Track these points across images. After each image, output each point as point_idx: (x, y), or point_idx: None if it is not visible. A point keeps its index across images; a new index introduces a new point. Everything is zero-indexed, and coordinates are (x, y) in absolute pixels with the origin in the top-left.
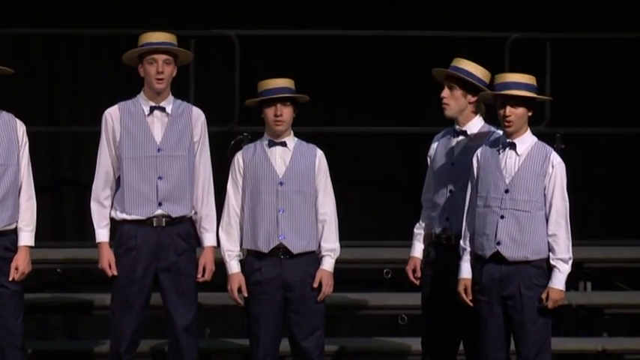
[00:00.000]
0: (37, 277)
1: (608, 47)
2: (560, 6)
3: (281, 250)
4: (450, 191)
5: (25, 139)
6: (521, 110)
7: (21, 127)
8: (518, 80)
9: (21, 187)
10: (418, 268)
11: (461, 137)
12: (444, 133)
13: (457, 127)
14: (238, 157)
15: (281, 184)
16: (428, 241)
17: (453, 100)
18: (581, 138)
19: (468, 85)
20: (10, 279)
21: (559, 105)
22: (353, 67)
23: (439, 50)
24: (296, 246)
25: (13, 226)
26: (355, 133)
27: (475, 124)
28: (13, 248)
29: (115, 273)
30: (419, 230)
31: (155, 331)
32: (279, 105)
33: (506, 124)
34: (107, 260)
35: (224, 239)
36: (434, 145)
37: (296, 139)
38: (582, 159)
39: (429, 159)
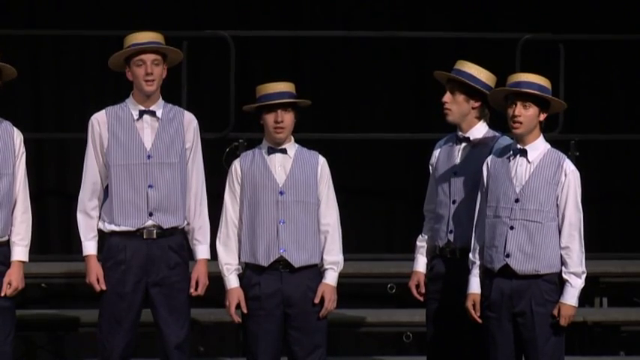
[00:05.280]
0: (20, 292)
1: (625, 49)
2: (575, 5)
3: (281, 264)
4: (453, 201)
5: (23, 149)
6: (532, 112)
7: (18, 136)
8: (532, 80)
9: (16, 200)
10: (422, 284)
11: (464, 144)
12: (447, 140)
13: (460, 133)
14: (236, 166)
15: (281, 193)
16: (431, 254)
17: (455, 105)
18: (597, 145)
19: (470, 89)
20: (2, 294)
21: (573, 110)
22: (356, 70)
23: (447, 52)
24: (297, 259)
25: (4, 239)
26: (359, 140)
27: (479, 130)
28: (6, 262)
29: (104, 288)
30: (421, 243)
31: (145, 350)
32: (279, 111)
33: (515, 125)
34: (95, 274)
35: (222, 252)
36: (435, 153)
37: (297, 145)
38: (598, 167)
39: (430, 167)
